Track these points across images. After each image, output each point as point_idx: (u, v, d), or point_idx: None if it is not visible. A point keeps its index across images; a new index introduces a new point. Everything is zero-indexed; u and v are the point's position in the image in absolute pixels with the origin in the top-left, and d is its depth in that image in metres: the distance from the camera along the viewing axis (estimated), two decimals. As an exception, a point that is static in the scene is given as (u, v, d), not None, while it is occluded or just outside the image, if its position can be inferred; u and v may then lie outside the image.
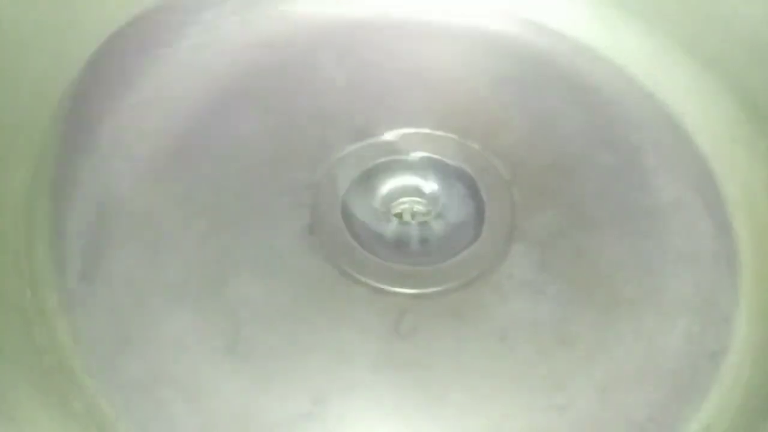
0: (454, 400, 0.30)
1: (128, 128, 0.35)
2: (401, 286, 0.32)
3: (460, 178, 0.35)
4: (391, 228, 0.35)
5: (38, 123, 0.33)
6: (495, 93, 0.37)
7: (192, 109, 0.36)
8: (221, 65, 0.37)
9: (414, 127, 0.36)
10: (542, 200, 0.34)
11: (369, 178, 0.35)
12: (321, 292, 0.31)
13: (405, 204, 0.35)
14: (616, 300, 0.32)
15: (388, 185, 0.35)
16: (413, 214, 0.35)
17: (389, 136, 0.35)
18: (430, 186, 0.35)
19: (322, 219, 0.33)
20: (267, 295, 0.31)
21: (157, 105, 0.36)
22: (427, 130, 0.36)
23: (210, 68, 0.37)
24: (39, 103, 0.33)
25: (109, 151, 0.34)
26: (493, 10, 0.39)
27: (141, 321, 0.31)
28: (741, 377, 0.31)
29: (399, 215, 0.35)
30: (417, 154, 0.35)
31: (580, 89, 0.37)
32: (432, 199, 0.35)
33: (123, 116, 0.35)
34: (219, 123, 0.35)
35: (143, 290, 0.31)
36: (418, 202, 0.36)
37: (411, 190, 0.35)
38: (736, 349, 0.31)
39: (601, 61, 0.38)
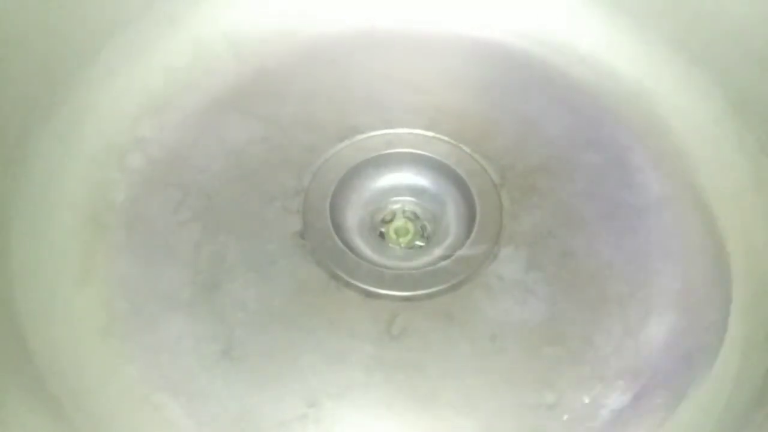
0: (445, 399, 0.30)
1: (121, 138, 0.35)
2: (392, 289, 0.32)
3: (450, 181, 0.35)
4: (380, 233, 0.35)
5: (28, 128, 0.34)
6: (483, 98, 0.37)
7: (183, 118, 0.36)
8: (211, 75, 0.37)
9: (404, 129, 0.36)
10: (531, 201, 0.34)
11: (358, 182, 0.35)
12: (313, 296, 0.32)
13: (396, 205, 0.36)
14: (605, 298, 0.32)
15: (377, 189, 0.36)
16: (404, 213, 0.36)
17: (379, 139, 0.36)
18: (419, 189, 0.36)
19: (312, 224, 0.33)
20: (260, 299, 0.32)
21: (148, 116, 0.36)
22: (417, 133, 0.36)
23: (200, 78, 0.37)
24: (30, 105, 0.34)
25: (103, 160, 0.35)
26: (478, 15, 0.39)
27: (135, 326, 0.31)
28: (730, 371, 0.31)
29: (391, 218, 0.36)
30: (407, 157, 0.36)
31: (566, 90, 0.38)
32: (421, 202, 0.36)
33: (115, 126, 0.35)
34: (210, 131, 0.36)
35: (138, 296, 0.32)
36: (410, 202, 0.36)
37: (402, 193, 0.36)
38: (725, 344, 0.32)
39: (587, 61, 0.38)
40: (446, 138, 0.36)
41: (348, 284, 0.32)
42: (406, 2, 0.39)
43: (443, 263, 0.33)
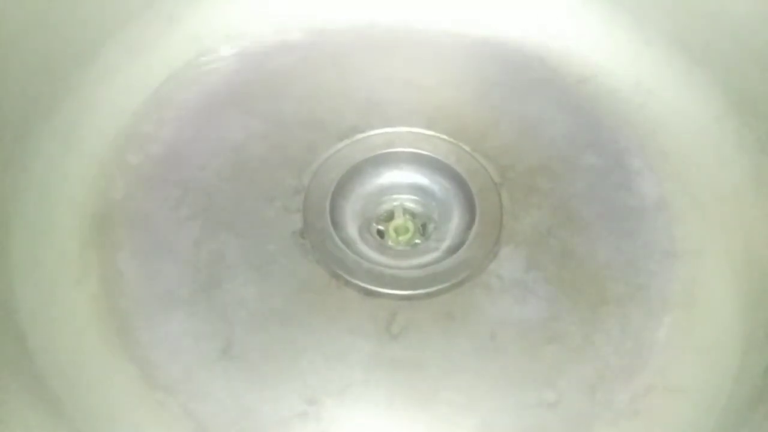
0: (445, 398, 0.30)
1: (121, 135, 0.35)
2: (392, 288, 0.32)
3: (450, 180, 0.35)
4: (380, 231, 0.35)
5: (27, 124, 0.34)
6: (483, 97, 0.37)
7: (183, 117, 0.36)
8: (211, 74, 0.37)
9: (404, 128, 0.36)
10: (531, 201, 0.34)
11: (359, 181, 0.35)
12: (313, 295, 0.32)
13: (395, 203, 0.36)
14: (604, 298, 0.32)
15: (377, 188, 0.36)
16: (404, 212, 0.36)
17: (379, 138, 0.36)
18: (419, 188, 0.36)
19: (312, 223, 0.33)
20: (260, 298, 0.32)
21: (148, 113, 0.36)
22: (417, 132, 0.36)
23: (201, 76, 0.37)
24: (29, 104, 0.34)
25: (103, 159, 0.35)
26: (478, 14, 0.39)
27: (135, 324, 0.31)
28: (730, 369, 0.31)
29: (391, 216, 0.36)
30: (407, 156, 0.36)
31: (565, 90, 0.38)
32: (421, 200, 0.36)
33: (115, 124, 0.35)
34: (210, 129, 0.36)
35: (137, 294, 0.32)
36: (410, 201, 0.36)
37: (401, 192, 0.36)
38: (725, 342, 0.32)
39: (587, 60, 0.38)
40: (446, 137, 0.36)
41: (348, 283, 0.32)
42: (406, 1, 0.39)
43: (443, 262, 0.33)
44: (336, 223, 0.33)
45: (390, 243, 0.35)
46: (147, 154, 0.35)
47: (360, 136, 0.36)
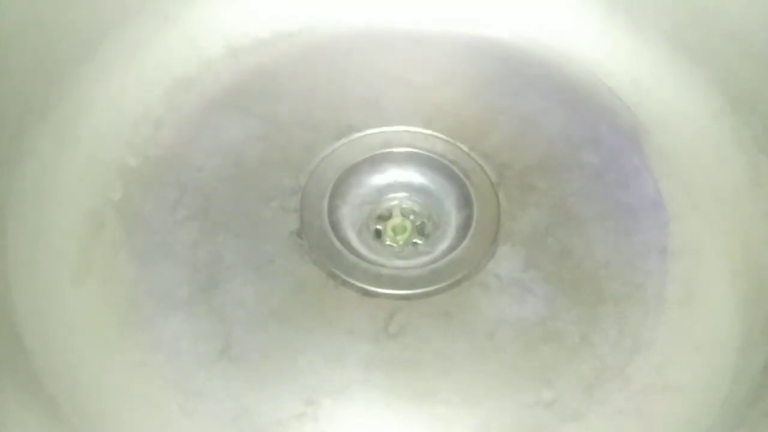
0: (443, 398, 0.30)
1: (117, 136, 0.35)
2: (390, 288, 0.32)
3: (448, 179, 0.35)
4: (378, 231, 0.35)
5: (23, 125, 0.33)
6: (481, 96, 0.37)
7: (180, 117, 0.36)
8: (208, 74, 0.37)
9: (402, 127, 0.36)
10: (528, 200, 0.34)
11: (356, 180, 0.35)
12: (311, 295, 0.32)
13: (393, 203, 0.36)
14: (601, 297, 0.32)
15: (374, 187, 0.36)
16: (401, 211, 0.36)
17: (376, 137, 0.36)
18: (417, 187, 0.36)
19: (310, 223, 0.33)
20: (258, 298, 0.32)
21: (145, 114, 0.36)
22: (414, 131, 0.36)
23: (197, 77, 0.37)
24: (26, 104, 0.34)
25: (100, 159, 0.35)
26: (476, 13, 0.39)
27: (134, 325, 0.31)
28: (727, 367, 0.31)
29: (388, 216, 0.36)
30: (404, 155, 0.36)
31: (563, 88, 0.38)
32: (419, 200, 0.36)
33: (112, 124, 0.35)
34: (208, 130, 0.36)
35: (136, 295, 0.32)
36: (408, 200, 0.36)
37: (398, 192, 0.36)
38: (722, 341, 0.32)
39: (585, 58, 0.38)
40: (443, 136, 0.36)
41: (345, 283, 0.32)
42: (404, 0, 0.39)
43: (441, 261, 0.33)
44: (333, 223, 0.33)
45: (388, 242, 0.35)
46: (144, 155, 0.35)
47: (357, 135, 0.36)
